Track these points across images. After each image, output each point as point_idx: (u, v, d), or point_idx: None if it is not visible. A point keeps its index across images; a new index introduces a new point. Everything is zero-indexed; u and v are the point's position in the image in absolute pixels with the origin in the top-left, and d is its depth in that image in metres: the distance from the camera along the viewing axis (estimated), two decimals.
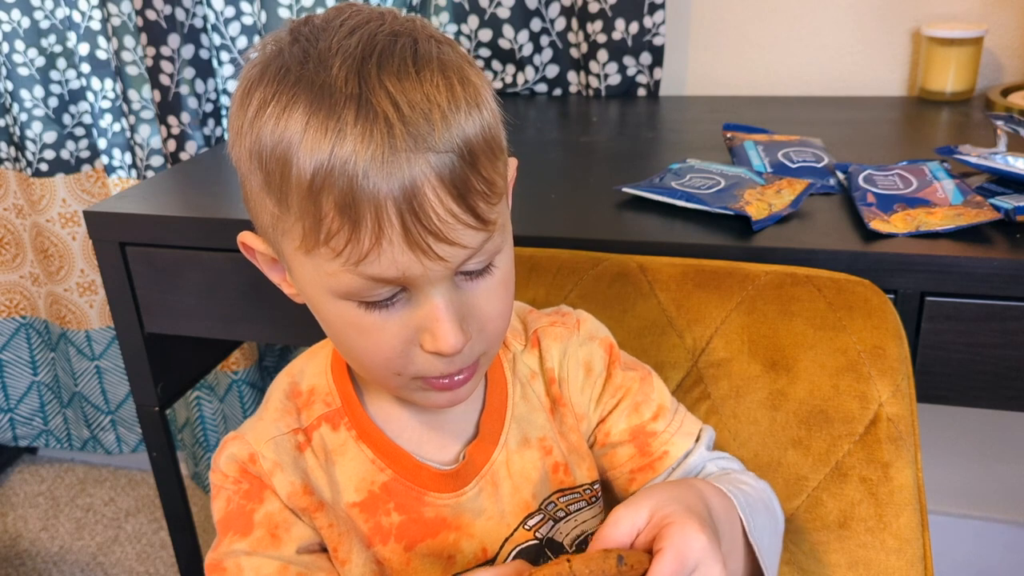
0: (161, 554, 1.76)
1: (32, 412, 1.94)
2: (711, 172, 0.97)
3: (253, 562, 0.59)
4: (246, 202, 0.57)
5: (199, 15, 1.44)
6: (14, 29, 1.56)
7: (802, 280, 0.78)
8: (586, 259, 0.84)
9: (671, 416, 0.67)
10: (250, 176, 0.52)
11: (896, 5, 1.31)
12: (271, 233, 0.54)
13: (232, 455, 0.61)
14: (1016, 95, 1.20)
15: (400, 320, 0.53)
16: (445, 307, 0.52)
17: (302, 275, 0.54)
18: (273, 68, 0.51)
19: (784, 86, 1.39)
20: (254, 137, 0.50)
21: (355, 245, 0.48)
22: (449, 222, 0.49)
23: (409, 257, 0.49)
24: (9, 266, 1.82)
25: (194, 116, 1.48)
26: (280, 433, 0.61)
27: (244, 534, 0.60)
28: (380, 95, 0.47)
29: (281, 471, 0.60)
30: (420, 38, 0.51)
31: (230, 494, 0.61)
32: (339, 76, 0.48)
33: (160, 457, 1.18)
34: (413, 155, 0.47)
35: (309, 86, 0.48)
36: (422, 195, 0.48)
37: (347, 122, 0.47)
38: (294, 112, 0.48)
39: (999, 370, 0.82)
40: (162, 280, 1.06)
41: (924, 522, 0.74)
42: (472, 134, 0.49)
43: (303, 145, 0.48)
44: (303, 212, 0.49)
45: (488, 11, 1.37)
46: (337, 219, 0.48)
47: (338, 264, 0.50)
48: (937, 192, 0.89)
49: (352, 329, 0.54)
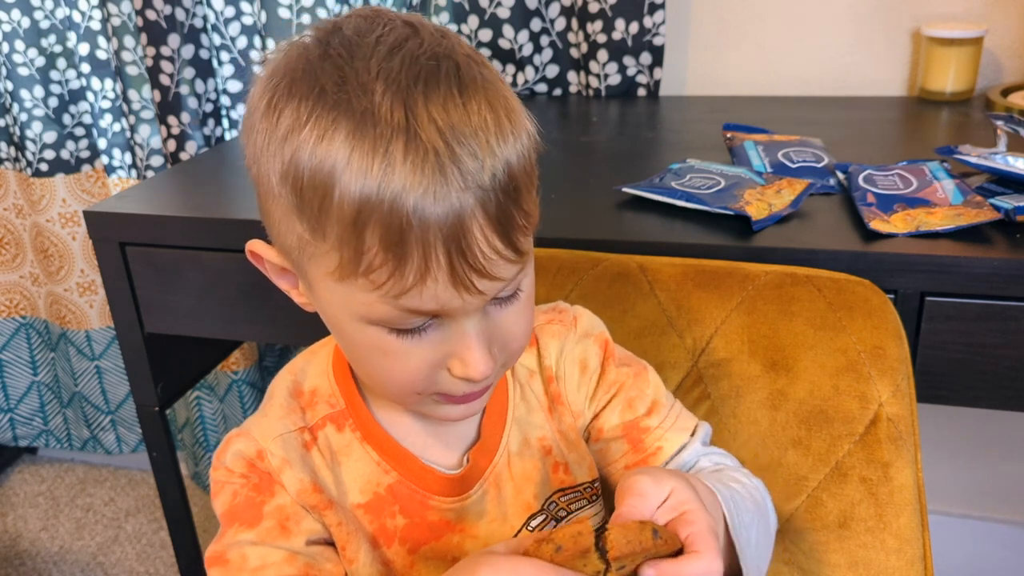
0: (161, 554, 1.76)
1: (32, 412, 1.94)
2: (711, 172, 0.97)
3: (259, 551, 0.58)
4: (265, 216, 0.55)
5: (199, 15, 1.44)
6: (14, 29, 1.56)
7: (802, 280, 0.78)
8: (586, 259, 0.84)
9: (666, 412, 0.67)
10: (277, 196, 0.51)
11: (896, 5, 1.31)
12: (295, 254, 0.52)
13: (239, 451, 0.60)
14: (1016, 95, 1.20)
15: (429, 346, 0.52)
16: (477, 336, 0.52)
17: (328, 299, 0.53)
18: (305, 84, 0.48)
19: (784, 86, 1.39)
20: (287, 158, 0.48)
21: (398, 280, 0.47)
22: (493, 259, 0.48)
23: (451, 293, 0.48)
24: (9, 266, 1.82)
25: (194, 116, 1.48)
26: (287, 431, 0.61)
27: (251, 525, 0.59)
28: (429, 129, 0.46)
29: (290, 468, 0.59)
30: (461, 61, 0.49)
31: (237, 488, 0.60)
32: (383, 104, 0.46)
33: (160, 457, 1.18)
34: (463, 193, 0.46)
35: (350, 112, 0.46)
36: (470, 235, 0.47)
37: (395, 156, 0.45)
38: (336, 138, 0.46)
39: (999, 370, 0.82)
40: (162, 280, 1.06)
41: (924, 522, 0.74)
42: (516, 165, 0.49)
43: (347, 174, 0.46)
44: (343, 242, 0.47)
45: (488, 11, 1.37)
46: (381, 254, 0.47)
47: (376, 296, 0.49)
48: (937, 192, 0.89)
49: (378, 352, 0.53)
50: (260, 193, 0.54)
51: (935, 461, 1.44)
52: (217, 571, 0.58)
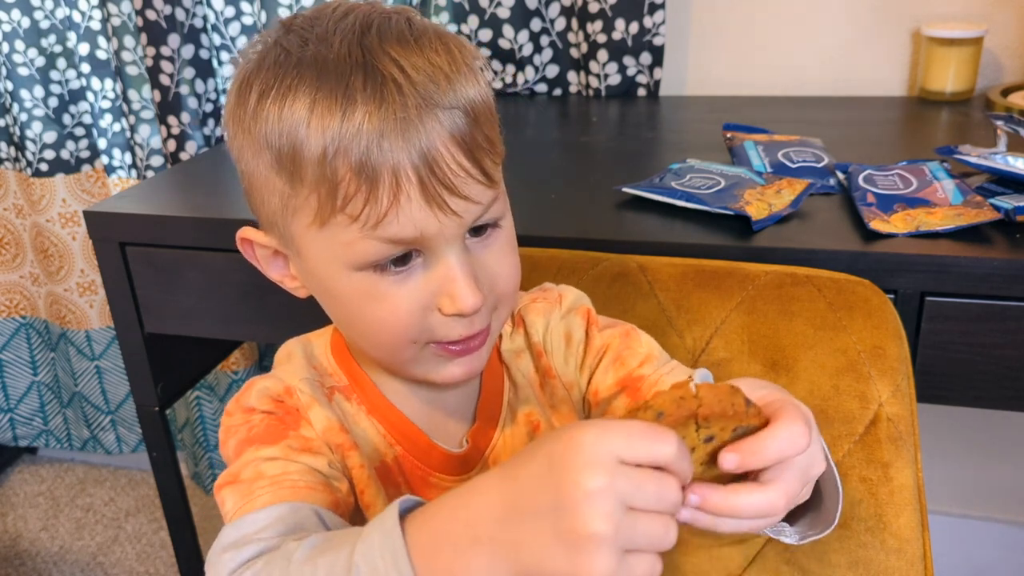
0: (161, 554, 1.76)
1: (32, 412, 1.94)
2: (711, 172, 0.97)
3: (278, 464, 0.55)
4: (248, 195, 0.57)
5: (199, 15, 1.44)
6: (14, 29, 1.56)
7: (802, 280, 0.78)
8: (586, 259, 0.84)
9: (660, 364, 0.65)
10: (255, 163, 0.53)
11: (896, 5, 1.31)
12: (279, 217, 0.54)
13: (265, 388, 0.59)
14: (1016, 95, 1.20)
15: (416, 285, 0.53)
16: (460, 266, 0.53)
17: (314, 254, 0.54)
18: (271, 57, 0.52)
19: (784, 86, 1.39)
20: (260, 122, 0.52)
21: (373, 206, 0.50)
22: (461, 176, 0.51)
23: (426, 213, 0.50)
24: (9, 266, 1.82)
25: (194, 116, 1.48)
26: (313, 377, 0.61)
27: (272, 442, 0.56)
28: (385, 60, 0.50)
29: (318, 406, 0.59)
30: (412, 16, 0.54)
31: (255, 422, 0.57)
32: (341, 50, 0.50)
33: (160, 457, 1.18)
34: (425, 113, 0.49)
35: (312, 63, 0.50)
36: (436, 152, 0.50)
37: (356, 88, 0.49)
38: (300, 89, 0.50)
39: (999, 370, 0.82)
40: (162, 280, 1.06)
41: (924, 522, 0.74)
42: (474, 95, 0.52)
43: (314, 117, 0.49)
44: (318, 181, 0.50)
45: (488, 11, 1.37)
46: (354, 181, 0.49)
47: (355, 230, 0.51)
48: (937, 192, 0.89)
49: (368, 300, 0.54)
50: (244, 174, 0.56)
51: (935, 461, 1.44)
52: (229, 490, 0.54)
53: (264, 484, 0.53)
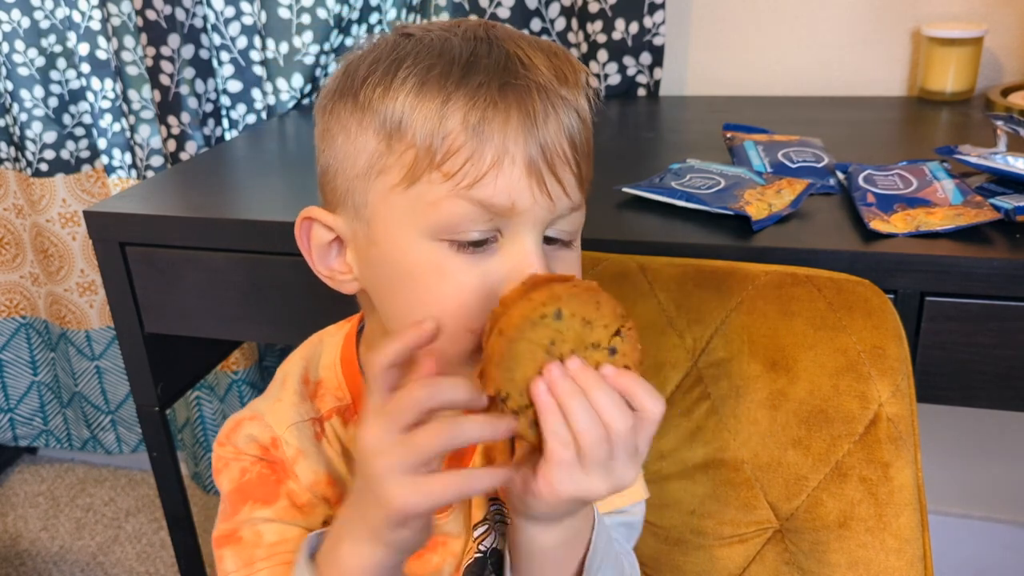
0: (161, 554, 1.76)
1: (32, 412, 1.94)
2: (711, 172, 0.97)
3: (276, 527, 0.56)
4: (324, 177, 0.56)
5: (199, 15, 1.44)
6: (14, 29, 1.56)
7: (802, 280, 0.78)
8: (586, 259, 0.83)
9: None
10: (351, 129, 0.53)
11: (896, 5, 1.31)
12: (360, 182, 0.53)
13: (252, 436, 0.59)
14: (1016, 95, 1.20)
15: (487, 267, 0.52)
16: (536, 250, 0.52)
17: (389, 220, 0.53)
18: (386, 43, 0.53)
19: (784, 86, 1.39)
20: (369, 87, 0.52)
21: (474, 163, 0.49)
22: (563, 159, 0.51)
23: (524, 185, 0.50)
24: (9, 266, 1.82)
25: (194, 116, 1.48)
26: (302, 419, 0.60)
27: (268, 502, 0.57)
28: (511, 44, 0.52)
29: (304, 459, 0.59)
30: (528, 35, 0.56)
31: (246, 465, 0.58)
32: (467, 34, 0.52)
33: (160, 457, 1.18)
34: (544, 95, 0.51)
35: (434, 42, 0.52)
36: (548, 133, 0.50)
37: (480, 55, 0.50)
38: (420, 56, 0.51)
39: (999, 370, 0.82)
40: (162, 280, 1.06)
41: (924, 522, 0.74)
42: (585, 107, 0.53)
43: (432, 76, 0.50)
44: (425, 133, 0.50)
45: (488, 11, 1.37)
46: (462, 135, 0.49)
47: (446, 188, 0.50)
48: (937, 192, 0.89)
49: (434, 274, 0.52)
50: (324, 145, 0.55)
51: (935, 461, 1.44)
52: (230, 551, 0.56)
53: (262, 555, 0.56)
